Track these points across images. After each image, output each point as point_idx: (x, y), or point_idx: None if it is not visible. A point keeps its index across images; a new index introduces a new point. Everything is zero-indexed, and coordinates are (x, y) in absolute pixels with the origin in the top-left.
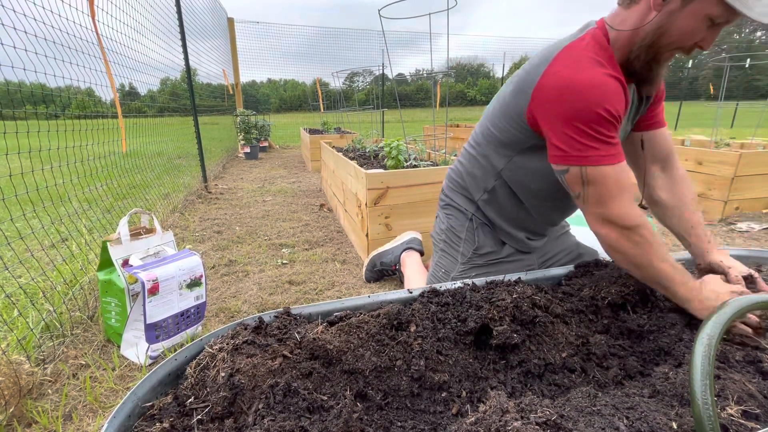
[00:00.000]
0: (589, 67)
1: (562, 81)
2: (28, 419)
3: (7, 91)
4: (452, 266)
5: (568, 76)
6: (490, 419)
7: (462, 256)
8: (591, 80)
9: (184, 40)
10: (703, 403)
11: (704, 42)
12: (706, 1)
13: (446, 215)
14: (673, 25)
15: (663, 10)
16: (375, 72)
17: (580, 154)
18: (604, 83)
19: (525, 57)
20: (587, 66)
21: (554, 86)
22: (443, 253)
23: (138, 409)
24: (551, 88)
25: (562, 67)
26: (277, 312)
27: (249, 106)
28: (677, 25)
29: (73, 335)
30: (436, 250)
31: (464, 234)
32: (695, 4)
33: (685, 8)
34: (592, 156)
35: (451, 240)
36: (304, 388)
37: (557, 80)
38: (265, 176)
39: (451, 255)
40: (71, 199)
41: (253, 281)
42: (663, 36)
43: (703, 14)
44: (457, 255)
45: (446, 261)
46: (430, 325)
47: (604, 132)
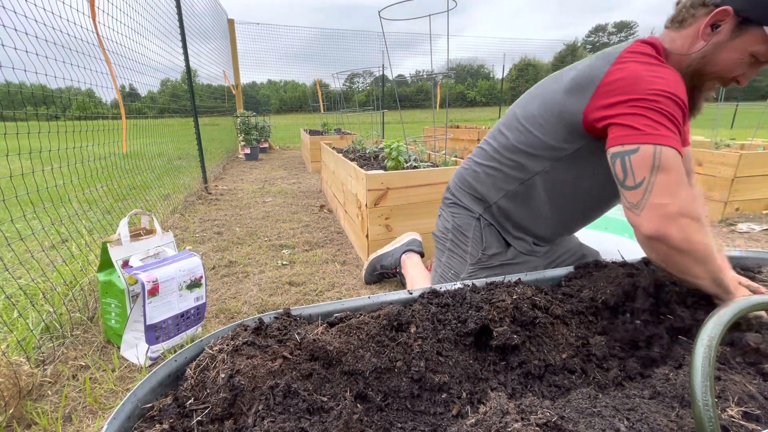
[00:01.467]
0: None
1: (638, 69)
2: (27, 420)
3: (7, 92)
4: (461, 267)
5: (644, 66)
6: (491, 420)
7: (471, 256)
8: (667, 71)
9: (184, 42)
10: (704, 405)
11: (743, 77)
12: (752, 38)
13: (452, 213)
14: (718, 57)
15: (710, 41)
16: (375, 73)
17: (657, 133)
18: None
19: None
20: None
21: (630, 73)
22: (451, 253)
23: (138, 410)
24: (626, 75)
25: (633, 61)
26: (277, 313)
27: (249, 107)
28: (721, 57)
29: (73, 336)
30: (442, 249)
31: (471, 233)
32: (741, 39)
33: (732, 41)
34: (668, 136)
35: (458, 239)
36: (304, 390)
37: (633, 69)
38: (266, 177)
39: (460, 255)
40: (71, 200)
41: (253, 282)
42: (708, 65)
43: (748, 50)
44: (465, 255)
45: (455, 262)
46: (431, 326)
47: (677, 119)
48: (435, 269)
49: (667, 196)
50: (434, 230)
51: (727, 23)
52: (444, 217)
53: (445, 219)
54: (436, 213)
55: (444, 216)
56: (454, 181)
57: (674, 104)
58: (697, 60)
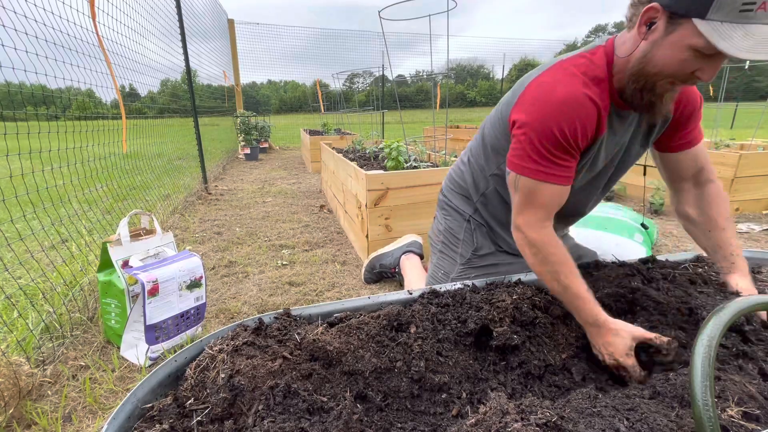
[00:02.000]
0: (571, 83)
1: (539, 93)
2: (27, 420)
3: (8, 92)
4: (451, 267)
5: (546, 89)
6: (491, 420)
7: (461, 257)
8: (563, 97)
9: (184, 42)
10: (704, 405)
11: (702, 72)
12: (686, 32)
13: (443, 216)
14: (656, 55)
15: (648, 39)
16: (375, 73)
17: (521, 164)
18: (576, 104)
19: (524, 58)
20: (569, 82)
21: (531, 95)
22: (441, 254)
23: (138, 410)
24: (529, 96)
25: (548, 78)
26: (277, 313)
27: (249, 107)
28: (660, 55)
29: (73, 336)
30: (434, 251)
31: (462, 235)
32: (675, 34)
33: (667, 38)
34: (530, 168)
35: (449, 241)
36: (304, 390)
37: (536, 91)
38: (265, 177)
39: (450, 257)
40: (71, 200)
41: (253, 282)
42: (647, 65)
43: (685, 44)
44: (455, 256)
45: (445, 262)
46: (430, 327)
47: (552, 150)
48: (429, 270)
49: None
50: (429, 232)
51: (660, 20)
52: (438, 219)
53: (438, 221)
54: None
55: (438, 218)
56: (445, 183)
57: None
58: (637, 61)
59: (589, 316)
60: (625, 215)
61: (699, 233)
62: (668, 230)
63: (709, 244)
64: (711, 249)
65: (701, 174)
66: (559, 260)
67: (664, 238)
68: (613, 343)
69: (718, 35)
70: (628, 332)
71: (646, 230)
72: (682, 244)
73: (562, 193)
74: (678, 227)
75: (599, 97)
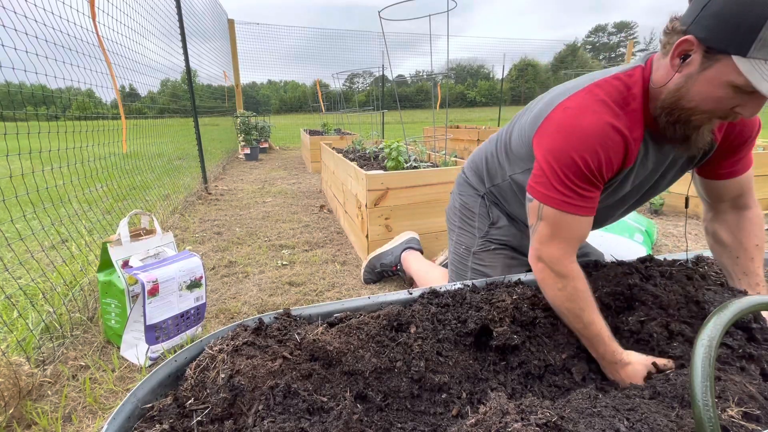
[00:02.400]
0: (597, 112)
1: (564, 119)
2: (27, 420)
3: (7, 92)
4: (471, 242)
5: (571, 115)
6: (491, 420)
7: (479, 230)
8: (587, 128)
9: (184, 42)
10: (704, 405)
11: (742, 109)
12: (724, 69)
13: (459, 193)
14: (692, 90)
15: (683, 72)
16: (375, 73)
17: (546, 193)
18: (601, 136)
19: (524, 58)
20: (596, 110)
21: (556, 121)
22: (461, 230)
23: (138, 410)
24: (554, 121)
25: (574, 104)
26: (277, 313)
27: (249, 107)
28: (695, 90)
29: (73, 336)
30: (453, 228)
31: (477, 209)
32: (712, 70)
33: (703, 73)
34: (554, 197)
35: (466, 216)
36: (304, 390)
37: (561, 117)
38: (265, 177)
39: (469, 231)
40: (71, 200)
41: (253, 282)
42: (682, 99)
43: (724, 81)
44: (474, 230)
45: (465, 238)
46: (430, 327)
47: (575, 181)
48: (449, 249)
49: (539, 241)
50: (446, 209)
51: (696, 53)
52: (454, 197)
53: (455, 198)
54: (437, 213)
55: (454, 194)
56: (468, 160)
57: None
58: (672, 93)
59: (608, 353)
60: (626, 216)
61: (726, 256)
62: (668, 230)
63: (734, 269)
64: (736, 275)
65: (741, 198)
66: (586, 297)
67: (664, 238)
68: (631, 376)
69: (760, 75)
70: (643, 365)
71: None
72: (682, 244)
73: (586, 224)
74: (677, 227)
75: (629, 128)
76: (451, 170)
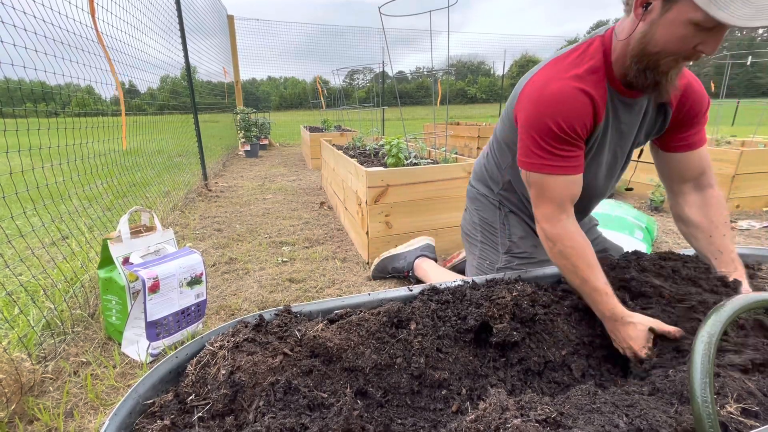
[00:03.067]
0: (561, 79)
1: (533, 91)
2: (29, 416)
3: (7, 89)
4: (495, 257)
5: (539, 86)
6: (490, 417)
7: (502, 245)
8: (554, 94)
9: (183, 38)
10: (703, 401)
11: (704, 46)
12: (683, 8)
13: (475, 208)
14: (656, 34)
15: (646, 20)
16: (375, 70)
17: (528, 160)
18: (567, 98)
19: (525, 54)
20: (560, 77)
21: (527, 94)
22: (483, 245)
23: (139, 406)
24: (525, 95)
25: (541, 76)
26: (277, 310)
27: (249, 103)
28: (660, 34)
29: (74, 333)
30: (474, 243)
31: (498, 224)
32: (672, 11)
33: (665, 15)
34: (534, 163)
35: (488, 231)
36: (304, 386)
37: (531, 89)
38: (266, 174)
39: (491, 247)
40: (71, 196)
41: (254, 279)
42: (648, 45)
43: (684, 19)
44: (497, 246)
45: (488, 253)
46: (430, 323)
47: (552, 143)
48: (470, 263)
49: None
50: (462, 224)
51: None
52: (470, 211)
53: (471, 213)
54: (437, 210)
55: (469, 210)
56: (473, 173)
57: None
58: (638, 41)
59: (606, 309)
60: (626, 212)
61: (700, 237)
62: (669, 227)
63: (710, 249)
64: (712, 253)
65: (703, 178)
66: (577, 254)
67: (664, 235)
68: (632, 336)
69: (716, 6)
70: (644, 324)
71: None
72: (683, 241)
73: (571, 183)
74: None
75: (594, 87)
76: (452, 167)
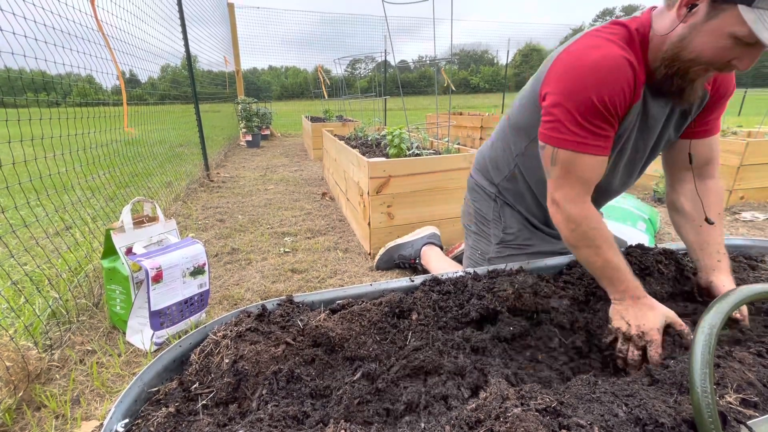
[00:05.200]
0: (604, 47)
1: (573, 57)
2: (37, 403)
3: (7, 78)
4: (487, 248)
5: (580, 52)
6: (491, 406)
7: (494, 237)
8: (599, 60)
9: (183, 26)
10: (702, 392)
11: (739, 61)
12: (729, 19)
13: (472, 199)
14: (694, 40)
15: (687, 23)
16: (377, 59)
17: (559, 137)
18: (614, 66)
19: (529, 43)
20: (603, 45)
21: (565, 61)
22: (477, 236)
23: (144, 394)
24: (562, 62)
25: (579, 46)
26: (280, 300)
27: (250, 93)
28: (698, 41)
29: (79, 322)
30: (469, 233)
31: (491, 215)
32: (717, 20)
33: (707, 23)
34: (569, 140)
35: (481, 222)
36: (306, 375)
37: (569, 56)
38: (267, 164)
39: (484, 238)
40: (74, 187)
41: (256, 269)
42: (683, 50)
43: (726, 32)
44: (489, 237)
45: (481, 243)
46: (432, 313)
47: (589, 119)
48: (465, 252)
49: (553, 185)
50: (461, 210)
51: (703, 3)
52: (467, 202)
53: (468, 204)
54: (439, 201)
55: (467, 200)
56: (474, 164)
57: (591, 106)
58: (674, 44)
59: (630, 287)
60: (629, 203)
61: (688, 227)
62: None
63: (696, 239)
64: (698, 244)
65: (707, 168)
66: (602, 235)
67: (667, 227)
68: (647, 316)
69: (763, 25)
70: (663, 312)
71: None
72: None
73: (601, 164)
74: None
75: (636, 62)
76: (454, 157)
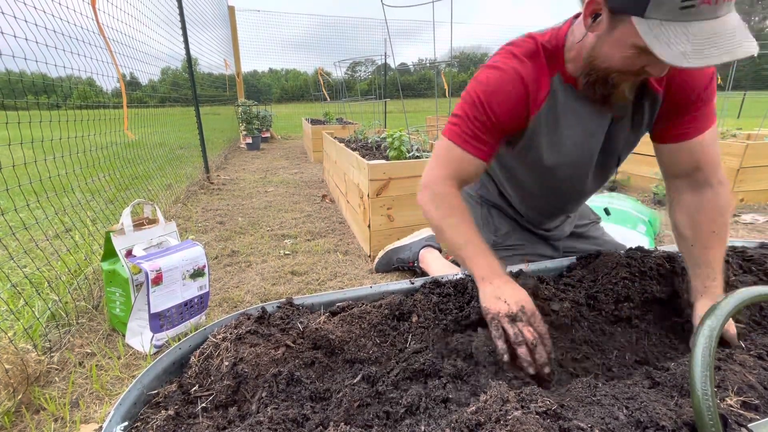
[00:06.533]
0: (503, 60)
1: (477, 74)
2: (36, 406)
3: (8, 81)
4: None
5: (482, 69)
6: (491, 408)
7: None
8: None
9: (184, 29)
10: (703, 394)
11: (651, 68)
12: (628, 30)
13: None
14: (602, 51)
15: (594, 33)
16: (377, 62)
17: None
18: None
19: None
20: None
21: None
22: None
23: (144, 396)
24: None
25: (489, 61)
26: (279, 302)
27: (250, 96)
28: (605, 51)
29: (79, 324)
30: None
31: (480, 220)
32: (618, 30)
33: (611, 34)
34: (450, 129)
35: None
36: (306, 377)
37: (476, 73)
38: (267, 167)
39: None
40: (74, 189)
41: (256, 272)
42: (596, 60)
43: (629, 42)
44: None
45: None
46: (432, 316)
47: (470, 116)
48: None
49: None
50: None
51: (604, 13)
52: None
53: None
54: None
55: None
56: None
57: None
58: (588, 54)
59: (496, 267)
60: (629, 205)
61: (681, 245)
62: None
63: (688, 260)
64: (690, 264)
65: (698, 174)
66: (462, 212)
67: (667, 229)
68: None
69: (655, 37)
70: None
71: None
72: None
73: (473, 166)
74: None
75: (533, 75)
76: None
